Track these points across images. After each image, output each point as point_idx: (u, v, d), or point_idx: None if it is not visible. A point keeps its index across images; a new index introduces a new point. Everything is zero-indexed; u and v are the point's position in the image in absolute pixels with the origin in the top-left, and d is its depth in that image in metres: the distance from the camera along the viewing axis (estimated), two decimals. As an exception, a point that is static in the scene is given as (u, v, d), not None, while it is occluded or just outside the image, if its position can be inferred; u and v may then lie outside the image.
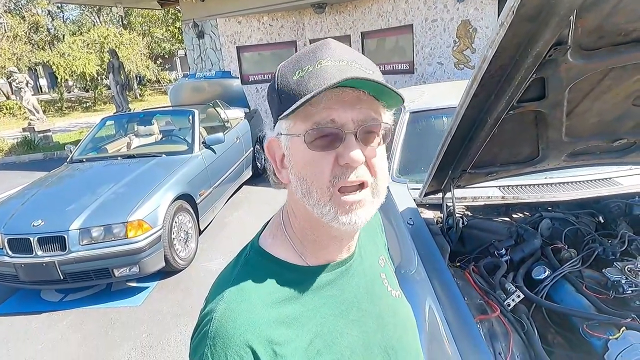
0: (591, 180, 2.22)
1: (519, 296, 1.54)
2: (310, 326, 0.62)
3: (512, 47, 1.08)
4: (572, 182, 2.23)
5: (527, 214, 2.15)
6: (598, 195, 2.10)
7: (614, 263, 1.67)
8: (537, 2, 0.93)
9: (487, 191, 2.21)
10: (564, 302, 1.58)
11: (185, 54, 11.01)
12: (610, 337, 1.35)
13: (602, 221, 2.06)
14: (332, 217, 0.59)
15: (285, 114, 0.57)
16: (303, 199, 0.60)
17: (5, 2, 24.62)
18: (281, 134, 0.62)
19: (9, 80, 12.04)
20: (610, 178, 2.23)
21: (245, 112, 6.86)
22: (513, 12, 0.94)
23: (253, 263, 0.65)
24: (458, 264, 1.89)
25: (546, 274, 1.68)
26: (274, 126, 0.63)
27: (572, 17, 1.00)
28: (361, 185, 0.59)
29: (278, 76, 0.61)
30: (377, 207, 0.63)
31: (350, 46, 7.10)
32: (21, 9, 24.43)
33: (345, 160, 0.57)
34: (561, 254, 1.80)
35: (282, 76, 0.60)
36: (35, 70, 28.18)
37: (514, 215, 2.16)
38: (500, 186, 2.24)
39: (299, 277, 0.64)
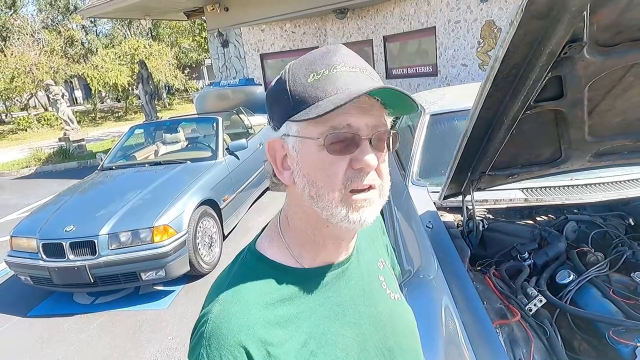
0: (619, 182, 2.13)
1: (540, 300, 1.49)
2: (305, 328, 0.62)
3: (524, 45, 1.06)
4: (599, 184, 2.15)
5: (552, 216, 2.09)
6: (627, 197, 2.02)
7: (644, 267, 1.61)
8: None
9: (510, 193, 2.16)
10: (590, 307, 1.52)
11: (211, 63, 11.26)
12: (639, 344, 1.29)
13: (632, 224, 1.98)
14: (342, 217, 0.60)
15: (311, 116, 0.56)
16: (311, 201, 0.61)
17: (43, 19, 25.90)
18: (289, 136, 0.61)
19: (46, 92, 12.63)
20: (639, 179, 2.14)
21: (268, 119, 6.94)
22: (522, 9, 0.92)
23: (249, 266, 0.66)
24: (479, 267, 1.85)
25: (571, 278, 1.63)
26: (278, 127, 0.62)
27: (585, 12, 0.98)
28: (369, 187, 0.61)
29: (289, 78, 0.60)
30: (381, 207, 0.64)
31: (373, 51, 7.06)
32: (57, 24, 25.64)
33: (360, 164, 0.58)
34: (587, 257, 1.74)
35: (294, 78, 0.60)
36: (71, 82, 29.44)
37: (538, 218, 2.10)
38: (523, 188, 2.18)
39: (294, 279, 0.65)
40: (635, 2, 0.97)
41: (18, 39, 21.77)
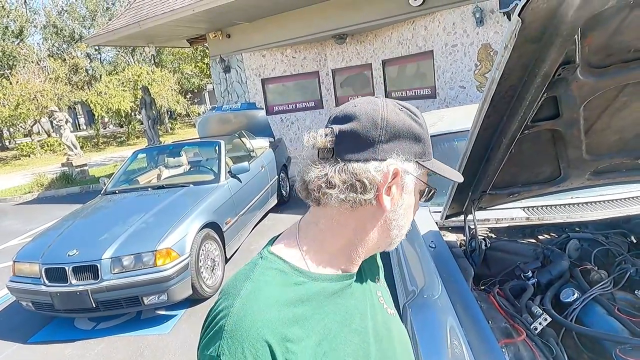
0: (620, 199, 2.15)
1: (546, 319, 1.49)
2: (319, 328, 0.66)
3: (519, 68, 1.10)
4: (600, 202, 2.16)
5: (554, 235, 2.09)
6: (628, 215, 2.03)
7: (648, 284, 1.61)
8: (539, 24, 0.95)
9: (511, 212, 2.18)
10: (595, 325, 1.52)
11: (213, 88, 11.45)
12: (646, 362, 1.28)
13: (634, 241, 1.99)
14: (397, 241, 0.75)
15: (443, 174, 0.74)
16: (397, 227, 0.73)
17: (49, 47, 26.49)
18: (408, 173, 0.70)
19: (50, 119, 12.80)
20: (640, 196, 2.16)
21: (270, 142, 7.02)
22: (515, 34, 0.96)
23: (267, 266, 0.69)
24: (482, 287, 1.85)
25: (575, 296, 1.62)
26: (400, 158, 0.68)
27: (577, 36, 1.02)
28: None
29: (417, 121, 0.71)
30: None
31: (372, 74, 7.21)
32: (63, 52, 26.19)
33: (418, 207, 0.77)
34: (591, 275, 1.74)
35: (424, 126, 0.72)
36: (75, 108, 29.85)
37: (540, 237, 2.11)
38: (524, 207, 2.20)
39: (309, 282, 0.68)
40: (623, 26, 1.02)
41: (24, 66, 22.21)
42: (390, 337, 0.78)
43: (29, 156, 19.42)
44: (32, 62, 23.13)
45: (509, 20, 6.72)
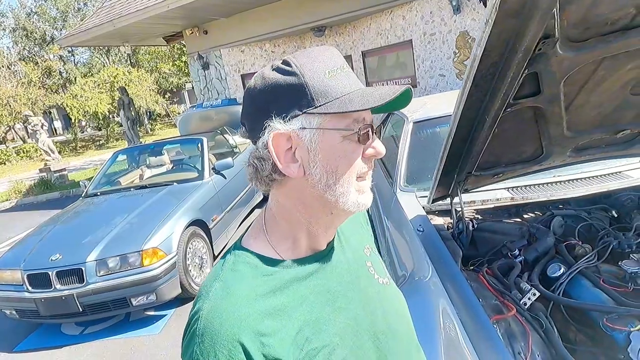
0: (600, 176, 2.20)
1: (534, 294, 1.52)
2: (298, 315, 0.64)
3: (500, 44, 1.11)
4: (581, 179, 2.21)
5: (538, 213, 2.13)
6: (609, 190, 2.08)
7: (631, 255, 1.65)
8: (518, -2, 0.96)
9: (496, 193, 2.21)
10: (582, 297, 1.55)
11: (192, 86, 11.30)
12: (632, 329, 1.32)
13: (616, 215, 2.03)
14: (353, 202, 0.66)
15: (349, 109, 0.60)
16: (326, 189, 0.64)
17: (19, 51, 25.70)
18: (305, 128, 0.62)
19: (25, 124, 12.44)
20: (619, 172, 2.21)
21: (253, 137, 6.95)
22: (496, 9, 0.97)
23: (236, 261, 0.67)
24: (471, 267, 1.87)
25: (561, 271, 1.66)
26: (285, 120, 0.62)
27: (555, 9, 1.03)
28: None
29: (304, 72, 0.61)
30: None
31: (352, 66, 7.20)
32: (34, 55, 25.44)
33: (374, 152, 0.67)
34: (575, 250, 1.78)
35: (311, 73, 0.62)
36: (50, 113, 29.07)
37: (525, 216, 2.15)
38: (508, 187, 2.23)
39: (282, 270, 0.67)
40: (600, -2, 1.03)
41: (-6, 71, 21.50)
42: (384, 308, 0.76)
43: (5, 164, 18.87)
44: (3, 66, 22.40)
45: (485, 7, 6.79)
